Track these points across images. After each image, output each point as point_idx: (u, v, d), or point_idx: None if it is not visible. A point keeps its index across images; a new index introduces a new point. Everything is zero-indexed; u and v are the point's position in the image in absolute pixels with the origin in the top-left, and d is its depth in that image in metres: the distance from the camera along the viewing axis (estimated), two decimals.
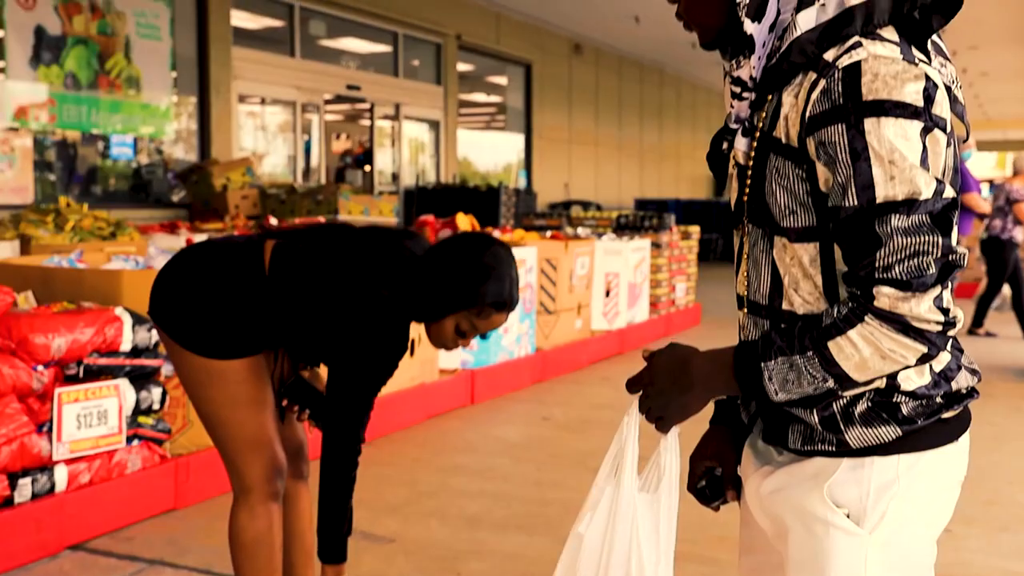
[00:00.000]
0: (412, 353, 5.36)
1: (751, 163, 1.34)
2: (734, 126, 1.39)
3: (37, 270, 4.17)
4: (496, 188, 12.03)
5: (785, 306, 1.34)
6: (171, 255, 4.57)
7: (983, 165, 38.58)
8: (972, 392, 1.33)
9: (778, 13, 1.31)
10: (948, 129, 1.24)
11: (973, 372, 1.34)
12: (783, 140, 1.29)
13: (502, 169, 15.92)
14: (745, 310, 1.41)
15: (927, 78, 1.22)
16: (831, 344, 1.23)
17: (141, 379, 3.70)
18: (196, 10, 9.23)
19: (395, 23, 11.89)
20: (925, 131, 1.21)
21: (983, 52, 17.23)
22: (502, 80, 15.54)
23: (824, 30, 1.26)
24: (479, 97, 15.93)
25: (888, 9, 1.26)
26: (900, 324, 1.19)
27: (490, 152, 16.02)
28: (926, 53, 1.29)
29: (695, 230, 9.70)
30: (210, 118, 9.34)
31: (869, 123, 1.20)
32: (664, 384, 1.38)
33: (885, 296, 1.19)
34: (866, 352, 1.21)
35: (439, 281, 2.32)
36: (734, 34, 1.34)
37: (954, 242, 1.21)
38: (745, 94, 1.36)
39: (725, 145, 1.41)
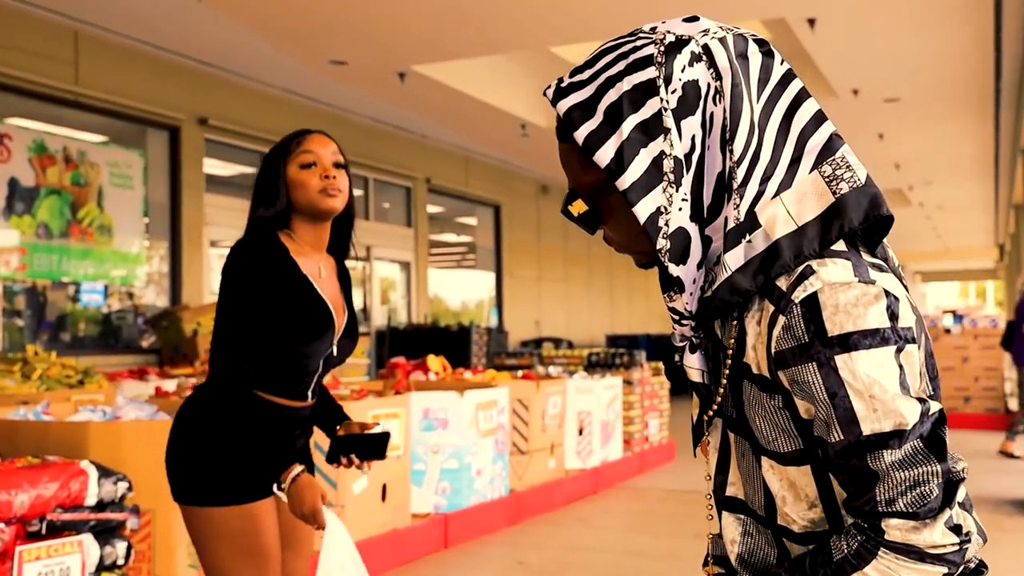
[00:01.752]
0: (384, 498, 5.30)
1: (721, 387, 1.32)
2: (679, 344, 1.37)
3: (1, 424, 4.13)
4: (467, 328, 12.09)
5: (781, 521, 1.31)
6: (139, 404, 4.57)
7: (946, 294, 39.19)
8: (981, 568, 1.30)
9: (703, 252, 1.29)
10: (916, 335, 1.22)
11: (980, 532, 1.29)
12: (754, 369, 1.27)
13: (474, 306, 16.01)
14: (724, 511, 1.38)
15: (887, 294, 1.20)
16: None
17: (105, 533, 3.63)
18: (169, 159, 9.39)
19: (366, 168, 12.12)
20: (898, 351, 1.19)
21: (938, 186, 17.71)
22: (472, 220, 15.78)
23: (756, 267, 1.24)
24: (449, 237, 16.13)
25: (816, 238, 1.24)
26: (917, 554, 1.16)
27: (461, 290, 16.14)
28: (874, 254, 1.28)
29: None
30: (181, 263, 9.40)
31: (840, 360, 1.17)
32: None
33: (896, 529, 1.16)
34: None
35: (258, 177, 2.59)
36: (660, 272, 1.30)
37: (951, 460, 1.19)
38: (684, 322, 1.33)
39: (676, 358, 1.39)
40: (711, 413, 1.35)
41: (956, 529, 1.17)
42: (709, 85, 1.24)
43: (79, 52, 8.36)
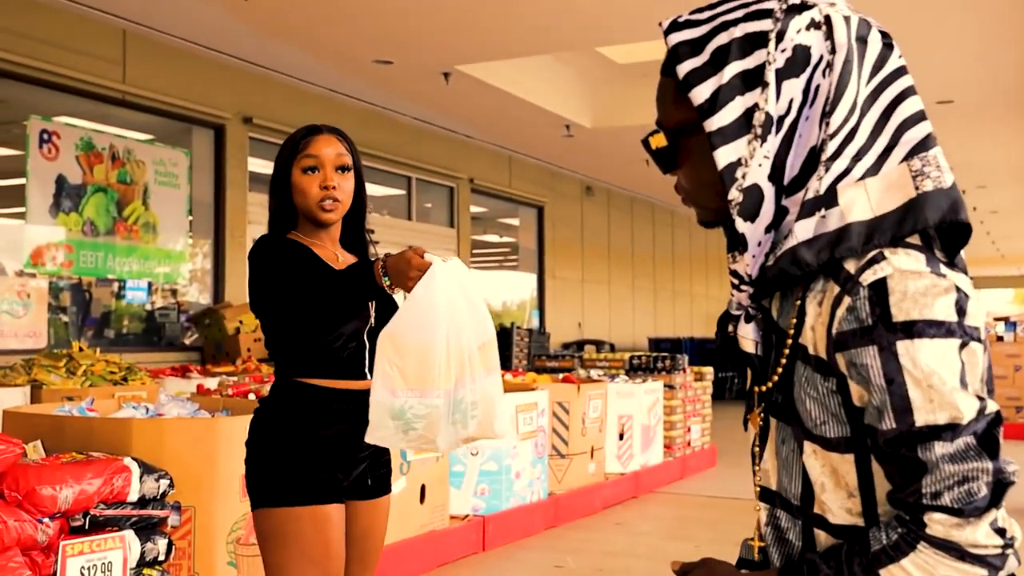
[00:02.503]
0: (422, 500, 5.28)
1: (779, 369, 1.30)
2: (735, 312, 1.36)
3: (47, 419, 4.16)
4: (508, 329, 12.06)
5: (817, 510, 1.28)
6: (181, 401, 4.59)
7: (999, 301, 38.60)
8: None
9: (780, 214, 1.28)
10: (982, 338, 1.19)
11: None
12: (810, 350, 1.25)
13: (515, 307, 15.99)
14: (767, 505, 1.36)
15: (957, 289, 1.18)
16: (883, 572, 1.16)
17: (147, 530, 3.64)
18: (214, 158, 9.45)
19: (409, 168, 12.13)
20: (962, 347, 1.16)
21: (991, 191, 17.43)
22: (515, 221, 15.75)
23: (823, 244, 1.23)
24: (492, 238, 16.12)
25: (889, 230, 1.22)
26: (957, 552, 1.13)
27: (503, 291, 16.11)
28: (951, 262, 1.25)
29: (708, 371, 9.66)
30: (224, 262, 9.46)
31: (902, 346, 1.15)
32: None
33: (938, 524, 1.13)
34: None
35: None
36: (730, 227, 1.30)
37: (1003, 461, 1.15)
38: (743, 287, 1.32)
39: (731, 328, 1.38)
40: (763, 389, 1.33)
41: (1001, 532, 1.14)
42: (822, 57, 1.24)
43: (127, 51, 8.43)
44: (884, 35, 1.29)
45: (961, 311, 1.17)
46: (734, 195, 1.26)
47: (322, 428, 2.50)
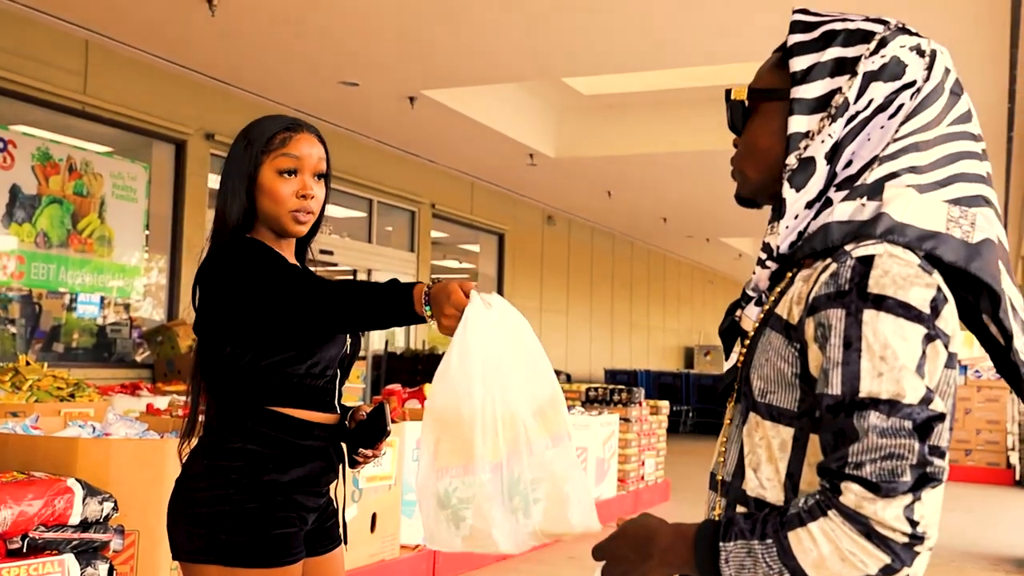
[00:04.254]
0: (373, 528, 5.19)
1: (751, 337, 1.35)
2: (751, 293, 1.40)
3: None
4: None
5: (743, 486, 1.31)
6: (130, 421, 4.47)
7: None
8: None
9: (820, 194, 1.34)
10: (950, 347, 1.22)
11: None
12: (783, 316, 1.29)
13: None
14: (711, 492, 1.40)
15: (938, 289, 1.21)
16: (791, 534, 1.17)
17: (88, 554, 3.53)
18: (174, 173, 9.33)
19: (371, 190, 12.06)
20: (927, 339, 1.19)
21: None
22: (475, 247, 15.72)
23: (852, 227, 1.28)
24: (452, 263, 16.07)
25: (904, 240, 1.27)
26: (863, 526, 1.13)
27: None
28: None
29: (664, 405, 9.65)
30: (180, 278, 9.31)
31: (868, 314, 1.19)
32: (626, 551, 1.32)
33: (852, 493, 1.14)
34: (825, 549, 1.14)
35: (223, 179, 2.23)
36: (775, 197, 1.39)
37: (933, 454, 1.15)
38: (769, 263, 1.38)
39: (738, 313, 1.42)
40: (740, 364, 1.37)
41: (912, 523, 1.13)
42: (915, 81, 1.33)
43: (89, 62, 8.31)
44: (971, 111, 1.38)
45: (935, 310, 1.20)
46: (791, 161, 1.35)
47: (295, 465, 2.12)
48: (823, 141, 1.33)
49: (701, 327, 25.99)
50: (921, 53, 1.34)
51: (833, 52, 1.34)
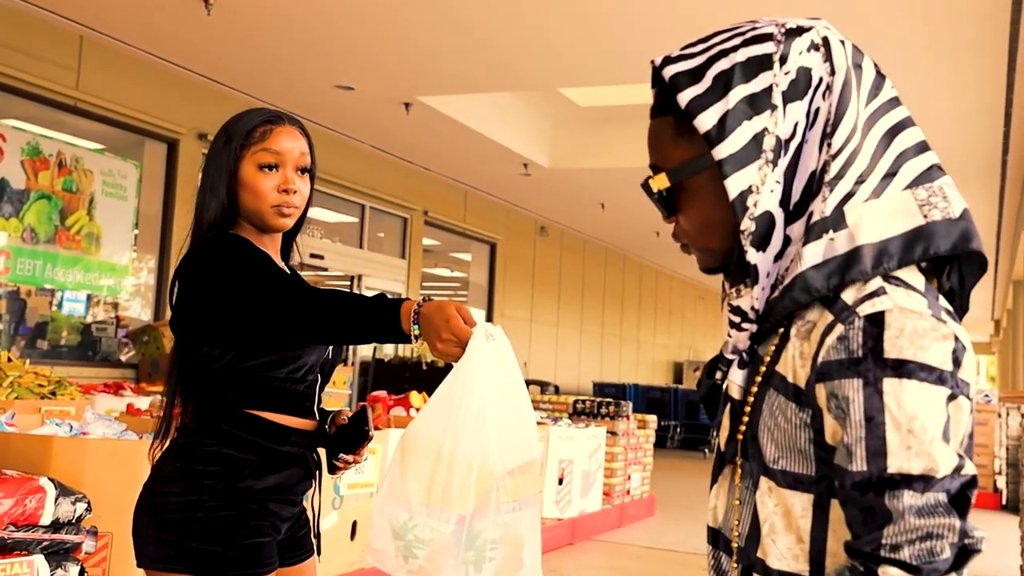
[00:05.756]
0: (353, 536, 5.13)
1: (750, 399, 1.23)
2: (730, 356, 1.28)
3: None
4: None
5: (759, 554, 1.21)
6: (108, 420, 4.41)
7: None
8: None
9: (784, 243, 1.23)
10: (971, 395, 1.14)
11: None
12: (788, 378, 1.18)
13: None
14: (711, 547, 1.30)
15: (956, 339, 1.12)
16: None
17: (58, 555, 3.46)
18: (165, 172, 9.27)
19: (363, 195, 12.01)
20: (950, 399, 1.10)
21: None
22: (467, 256, 15.67)
23: (833, 268, 1.17)
24: (443, 271, 16.02)
25: (897, 255, 1.17)
26: None
27: None
28: (952, 308, 1.20)
29: (652, 419, 9.61)
30: (168, 278, 9.22)
31: (889, 384, 1.08)
32: None
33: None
34: None
35: (203, 176, 2.15)
36: (737, 261, 1.26)
37: (970, 527, 1.08)
38: (745, 325, 1.26)
39: (719, 375, 1.31)
40: (744, 428, 1.25)
41: None
42: (821, 79, 1.21)
43: (83, 58, 8.26)
44: (875, 65, 1.27)
45: (956, 362, 1.11)
46: (746, 224, 1.21)
47: (271, 471, 2.07)
48: (772, 190, 1.21)
49: (691, 343, 25.97)
50: (816, 47, 1.22)
51: (738, 93, 1.20)
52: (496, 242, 15.39)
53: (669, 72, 1.25)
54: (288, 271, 2.29)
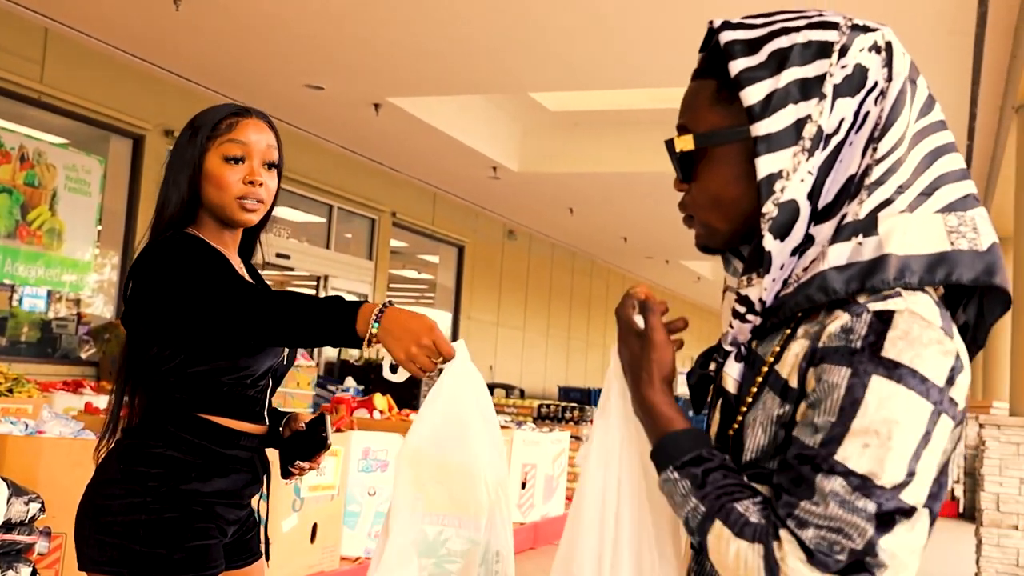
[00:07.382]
0: (313, 539, 5.08)
1: (748, 399, 1.21)
2: (728, 348, 1.25)
3: None
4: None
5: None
6: (65, 419, 4.34)
7: None
8: None
9: (805, 241, 1.19)
10: (959, 419, 1.11)
11: None
12: (783, 374, 1.16)
13: None
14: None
15: (957, 358, 1.09)
16: (715, 526, 1.12)
17: (10, 556, 3.40)
18: (130, 168, 9.17)
19: (331, 196, 11.95)
20: (935, 415, 1.07)
21: None
22: (434, 258, 15.63)
23: (855, 272, 1.13)
24: (410, 273, 15.96)
25: (918, 274, 1.13)
26: None
27: None
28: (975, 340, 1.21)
29: None
30: None
31: (876, 381, 1.06)
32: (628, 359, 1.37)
33: (786, 546, 1.06)
34: (729, 564, 1.10)
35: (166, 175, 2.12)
36: (753, 249, 1.21)
37: (882, 548, 1.05)
38: (750, 316, 1.22)
39: (713, 366, 1.29)
40: (736, 427, 1.22)
41: None
42: (876, 84, 1.17)
43: (47, 50, 8.15)
44: (928, 86, 1.24)
45: (951, 380, 1.08)
46: (769, 208, 1.17)
47: (218, 475, 2.04)
48: (802, 180, 1.17)
49: None
50: (878, 49, 1.18)
51: (790, 75, 1.17)
52: (464, 245, 15.36)
53: (725, 38, 1.22)
54: (248, 270, 2.26)
